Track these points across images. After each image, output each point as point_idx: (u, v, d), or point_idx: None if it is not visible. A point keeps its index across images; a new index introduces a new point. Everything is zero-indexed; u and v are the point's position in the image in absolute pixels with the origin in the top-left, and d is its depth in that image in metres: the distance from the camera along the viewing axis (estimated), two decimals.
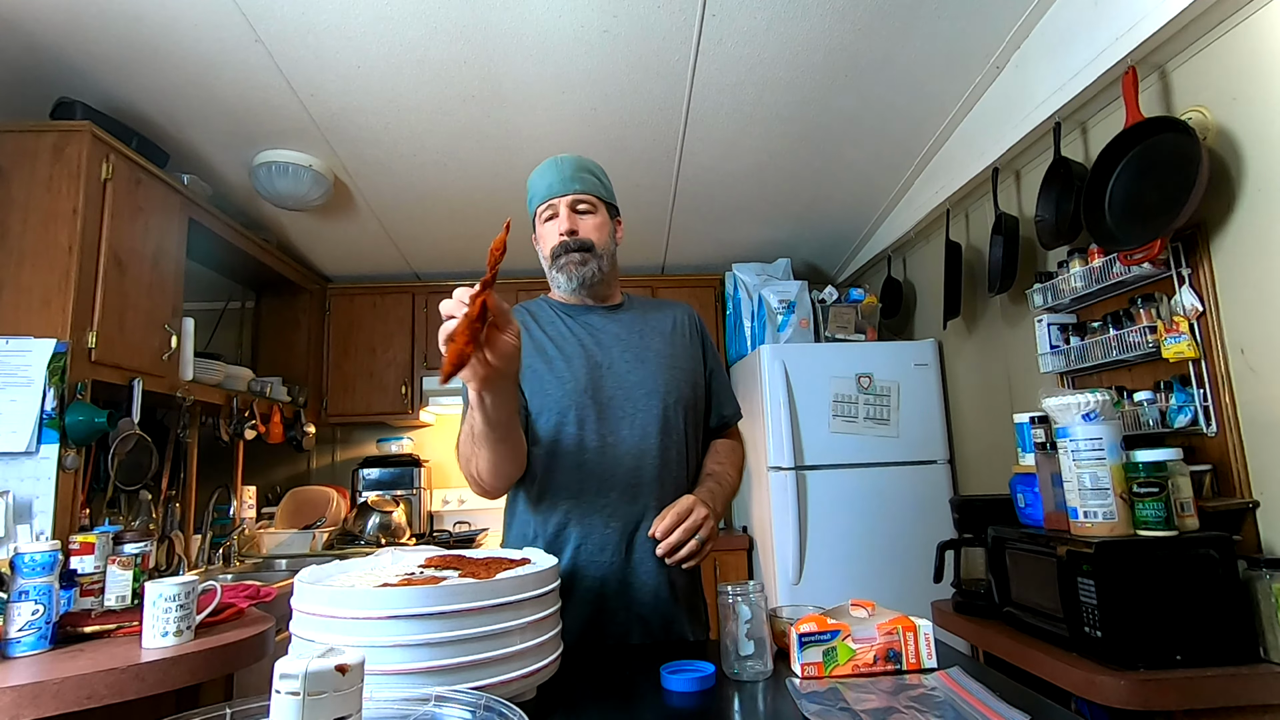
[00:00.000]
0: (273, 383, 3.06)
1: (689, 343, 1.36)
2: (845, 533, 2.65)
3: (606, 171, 1.37)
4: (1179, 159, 1.53)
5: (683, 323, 1.38)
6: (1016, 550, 1.59)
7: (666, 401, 1.25)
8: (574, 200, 1.27)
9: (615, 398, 1.24)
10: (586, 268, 1.27)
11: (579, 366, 1.25)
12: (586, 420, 1.22)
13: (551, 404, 1.23)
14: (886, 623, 0.95)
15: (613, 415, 1.23)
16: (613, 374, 1.26)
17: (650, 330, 1.33)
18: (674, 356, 1.31)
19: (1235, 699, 1.22)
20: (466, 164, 2.58)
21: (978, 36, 2.01)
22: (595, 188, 1.30)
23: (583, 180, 1.28)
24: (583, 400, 1.22)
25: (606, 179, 1.35)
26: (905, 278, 3.18)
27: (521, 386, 1.24)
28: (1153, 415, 1.68)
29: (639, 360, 1.28)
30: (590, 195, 1.29)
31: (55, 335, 1.82)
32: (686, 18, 1.90)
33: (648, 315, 1.36)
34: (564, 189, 1.27)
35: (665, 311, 1.39)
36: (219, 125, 2.29)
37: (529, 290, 3.51)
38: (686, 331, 1.37)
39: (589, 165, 1.31)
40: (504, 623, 0.81)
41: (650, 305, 1.41)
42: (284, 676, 0.54)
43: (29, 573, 1.29)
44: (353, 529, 3.16)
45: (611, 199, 1.34)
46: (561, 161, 1.30)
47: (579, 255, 1.27)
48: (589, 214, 1.28)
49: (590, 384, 1.24)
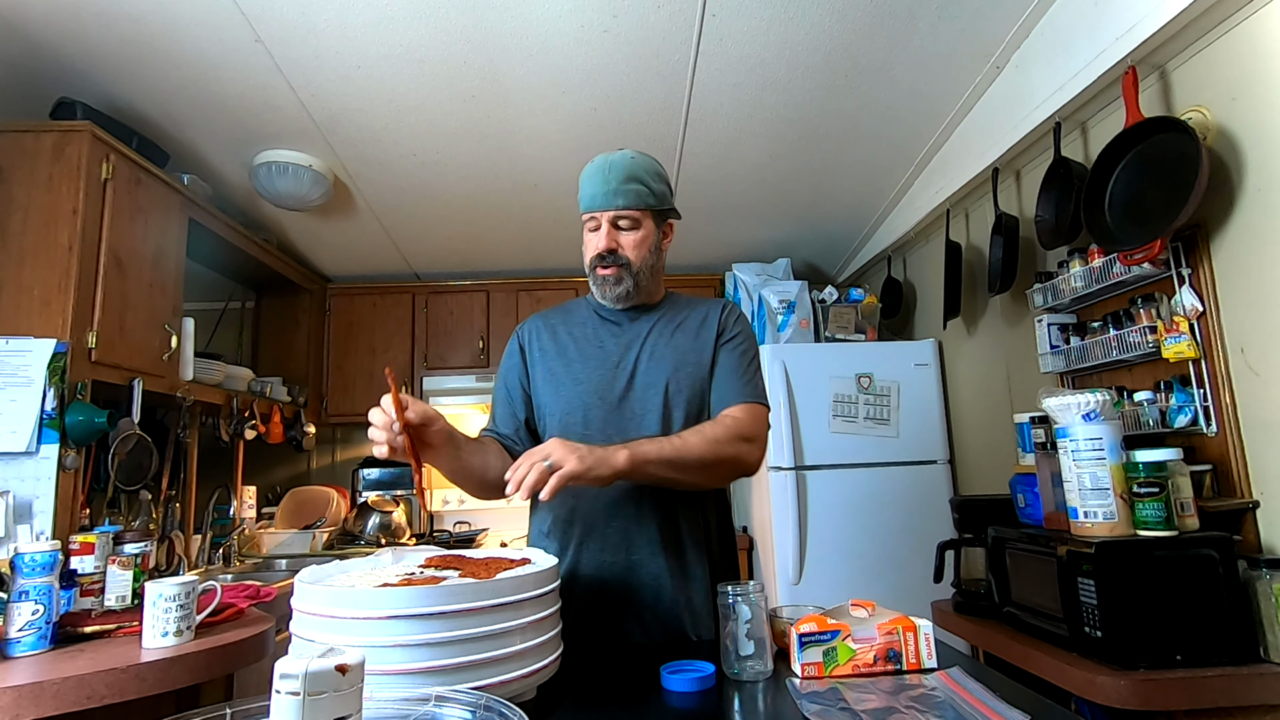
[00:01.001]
0: (273, 383, 3.06)
1: (713, 335, 1.32)
2: (845, 533, 2.65)
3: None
4: (1179, 159, 1.53)
5: (714, 315, 1.34)
6: (1016, 550, 1.59)
7: (671, 399, 1.25)
8: (615, 216, 1.25)
9: (626, 398, 1.26)
10: (620, 286, 1.27)
11: (594, 368, 1.28)
12: (593, 420, 1.25)
13: (565, 404, 1.27)
14: (886, 623, 0.95)
15: (622, 415, 1.25)
16: (625, 374, 1.27)
17: (677, 327, 1.32)
18: (693, 352, 1.29)
19: (1235, 699, 1.22)
20: (466, 164, 2.58)
21: (978, 36, 2.01)
22: (641, 199, 1.25)
23: (627, 194, 1.24)
24: (591, 401, 1.26)
25: (658, 181, 1.29)
26: (905, 278, 3.18)
27: (542, 390, 1.31)
28: (1153, 415, 1.68)
29: (654, 360, 1.28)
30: (633, 210, 1.25)
31: (55, 335, 1.82)
32: (686, 18, 1.90)
33: (680, 314, 1.34)
34: (607, 204, 1.24)
35: (699, 309, 1.36)
36: (219, 125, 2.29)
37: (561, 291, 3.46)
38: (715, 323, 1.33)
39: (638, 172, 1.26)
40: (504, 623, 0.81)
41: (687, 304, 1.38)
42: (284, 676, 0.55)
43: (29, 573, 1.28)
44: (353, 529, 3.16)
45: (663, 204, 1.29)
46: (610, 169, 1.25)
47: (614, 272, 1.26)
48: (631, 230, 1.26)
49: (603, 385, 1.26)
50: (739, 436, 1.19)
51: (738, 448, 1.19)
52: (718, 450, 1.16)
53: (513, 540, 3.23)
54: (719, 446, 1.16)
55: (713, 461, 1.15)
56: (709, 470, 1.17)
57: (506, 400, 1.35)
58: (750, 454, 1.22)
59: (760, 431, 1.25)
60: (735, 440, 1.18)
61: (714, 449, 1.15)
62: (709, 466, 1.16)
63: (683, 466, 1.13)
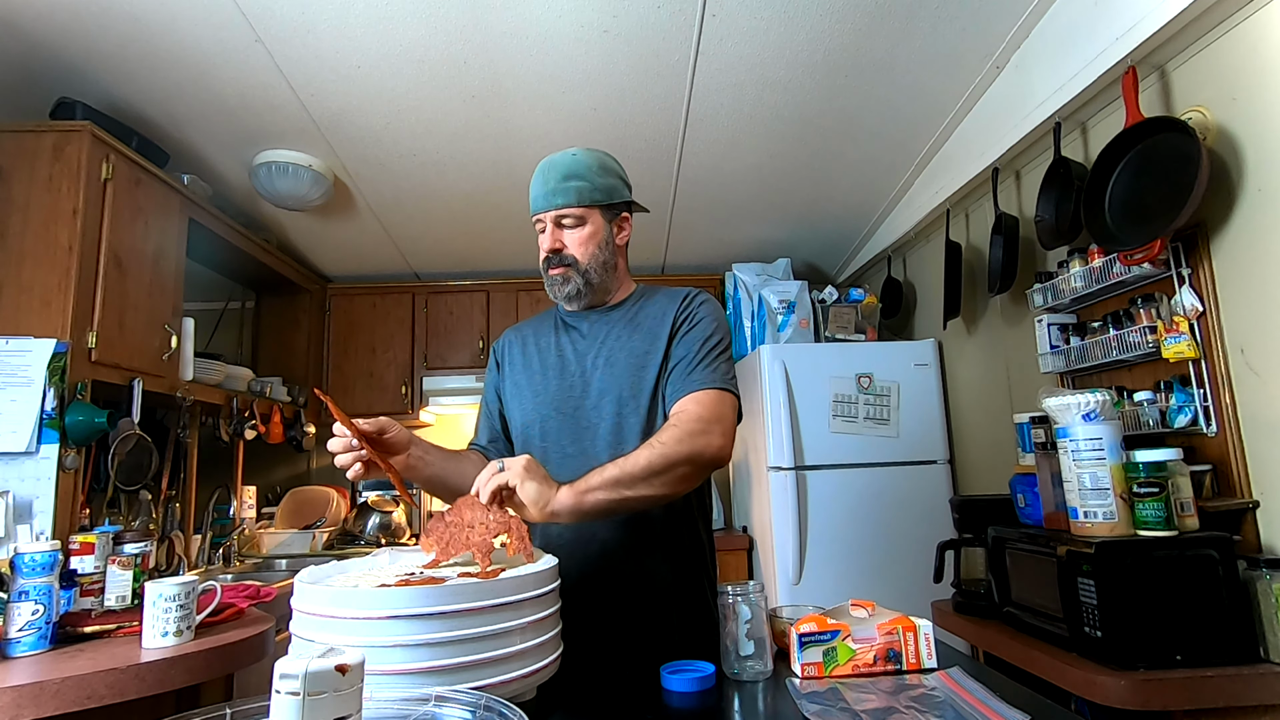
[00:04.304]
0: (273, 383, 3.06)
1: (668, 330, 1.26)
2: (845, 533, 2.65)
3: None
4: (1179, 159, 1.53)
5: (671, 309, 1.28)
6: (1016, 550, 1.59)
7: (621, 406, 1.22)
8: (558, 216, 1.24)
9: (580, 408, 1.25)
10: (569, 284, 1.26)
11: (552, 379, 1.29)
12: (550, 432, 1.26)
13: (525, 416, 1.29)
14: (886, 623, 0.96)
15: (575, 426, 1.24)
16: (582, 384, 1.26)
17: (634, 328, 1.28)
18: (646, 354, 1.25)
19: (1235, 699, 1.22)
20: (466, 164, 2.58)
21: (978, 36, 2.01)
22: (583, 195, 1.22)
23: (566, 192, 1.22)
24: (547, 413, 1.26)
25: (604, 175, 1.26)
26: (905, 278, 3.18)
27: (509, 403, 1.34)
28: (1153, 415, 1.68)
29: (609, 365, 1.25)
30: (575, 208, 1.23)
31: (55, 335, 1.82)
32: (686, 18, 1.90)
33: (641, 311, 1.30)
34: (548, 204, 1.23)
35: (661, 302, 1.30)
36: (219, 125, 2.29)
37: (529, 290, 3.51)
38: (671, 317, 1.26)
39: (578, 169, 1.23)
40: (504, 623, 0.81)
41: (653, 298, 1.33)
42: (284, 676, 0.54)
43: (29, 573, 1.29)
44: (353, 529, 3.16)
45: (611, 198, 1.26)
46: (549, 170, 1.24)
47: (561, 272, 1.25)
48: (575, 227, 1.24)
49: (558, 396, 1.27)
50: (690, 432, 1.09)
51: (692, 443, 1.08)
52: (666, 453, 1.05)
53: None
54: (667, 449, 1.06)
55: (663, 467, 1.05)
56: (663, 477, 1.06)
57: (486, 414, 1.38)
58: (708, 446, 1.10)
59: (716, 415, 1.13)
60: (687, 437, 1.08)
61: (662, 453, 1.05)
62: (660, 473, 1.05)
63: (630, 482, 1.03)
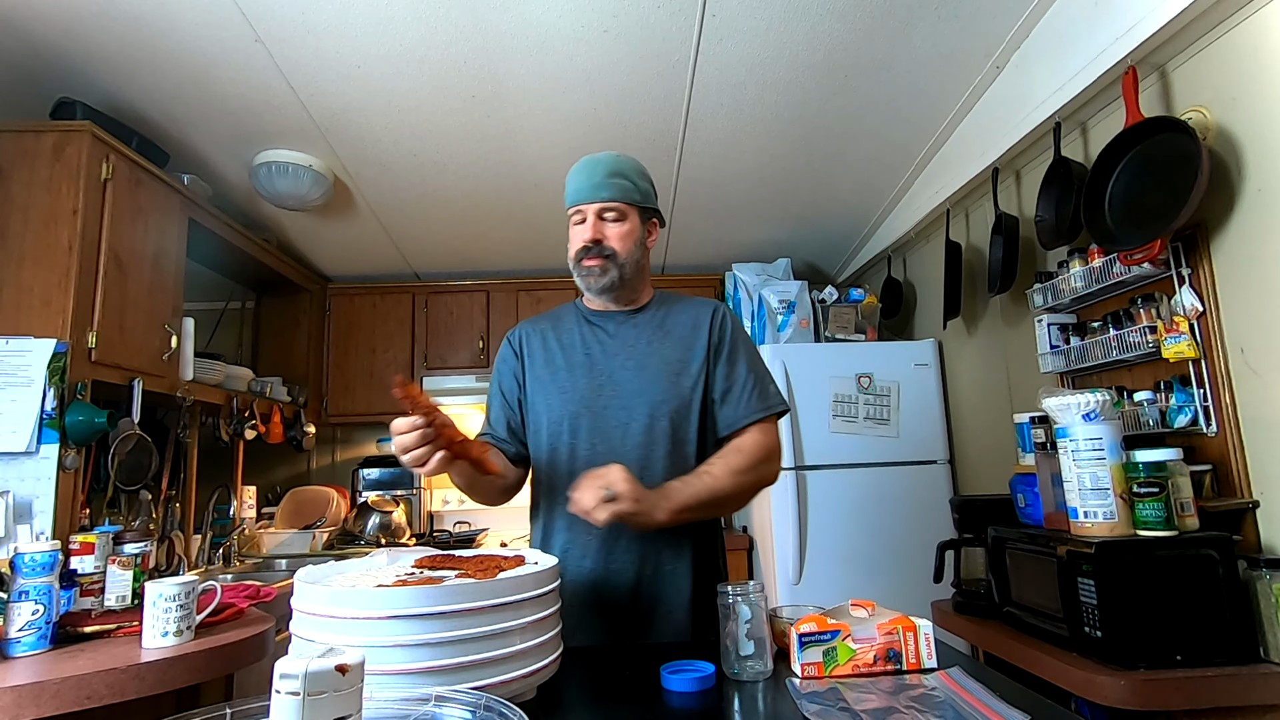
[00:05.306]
0: (273, 383, 3.06)
1: (704, 343, 1.30)
2: (845, 533, 2.65)
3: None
4: (1179, 159, 1.53)
5: (704, 321, 1.32)
6: (1016, 550, 1.59)
7: (655, 410, 1.24)
8: (601, 208, 1.26)
9: (610, 407, 1.25)
10: (606, 276, 1.27)
11: (580, 377, 1.28)
12: (580, 430, 1.25)
13: (553, 414, 1.28)
14: (886, 623, 0.95)
15: (605, 425, 1.25)
16: (611, 384, 1.27)
17: (665, 334, 1.31)
18: (681, 361, 1.28)
19: (1235, 699, 1.22)
20: (466, 164, 2.58)
21: (978, 36, 2.01)
22: (626, 193, 1.27)
23: (612, 187, 1.26)
24: (578, 411, 1.26)
25: (643, 180, 1.31)
26: (905, 278, 3.18)
27: (534, 398, 1.32)
28: (1153, 415, 1.68)
29: (640, 368, 1.27)
30: (619, 203, 1.26)
31: (55, 335, 1.82)
32: (686, 18, 1.90)
33: (669, 317, 1.33)
34: (593, 196, 1.26)
35: (689, 311, 1.34)
36: (219, 125, 2.29)
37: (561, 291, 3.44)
38: (706, 330, 1.31)
39: (623, 168, 1.28)
40: (504, 623, 0.81)
41: (677, 305, 1.36)
42: (284, 676, 0.55)
43: (29, 573, 1.29)
44: (353, 529, 3.16)
45: (647, 201, 1.31)
46: (595, 165, 1.27)
47: (600, 263, 1.26)
48: (617, 221, 1.27)
49: (588, 395, 1.26)
50: (759, 461, 1.24)
51: (759, 472, 1.24)
52: (740, 482, 1.21)
53: (513, 540, 3.23)
54: (742, 477, 1.21)
55: (737, 495, 1.22)
56: (737, 501, 1.24)
57: (503, 402, 1.36)
58: (772, 473, 1.27)
59: (777, 446, 1.29)
60: (756, 465, 1.23)
61: (738, 481, 1.20)
62: (736, 498, 1.23)
63: (714, 505, 1.20)
